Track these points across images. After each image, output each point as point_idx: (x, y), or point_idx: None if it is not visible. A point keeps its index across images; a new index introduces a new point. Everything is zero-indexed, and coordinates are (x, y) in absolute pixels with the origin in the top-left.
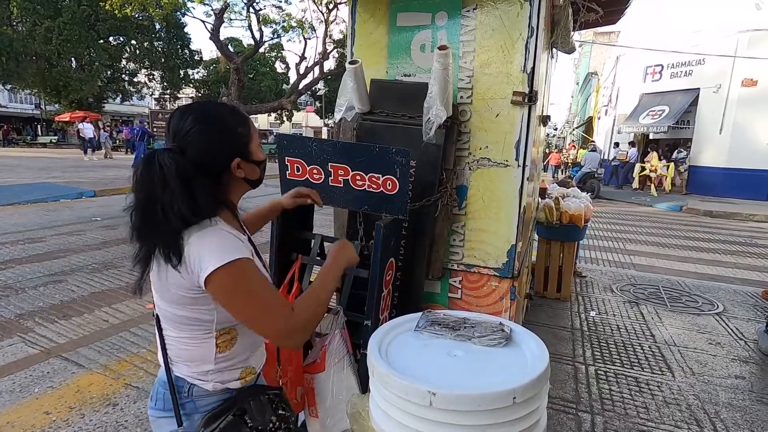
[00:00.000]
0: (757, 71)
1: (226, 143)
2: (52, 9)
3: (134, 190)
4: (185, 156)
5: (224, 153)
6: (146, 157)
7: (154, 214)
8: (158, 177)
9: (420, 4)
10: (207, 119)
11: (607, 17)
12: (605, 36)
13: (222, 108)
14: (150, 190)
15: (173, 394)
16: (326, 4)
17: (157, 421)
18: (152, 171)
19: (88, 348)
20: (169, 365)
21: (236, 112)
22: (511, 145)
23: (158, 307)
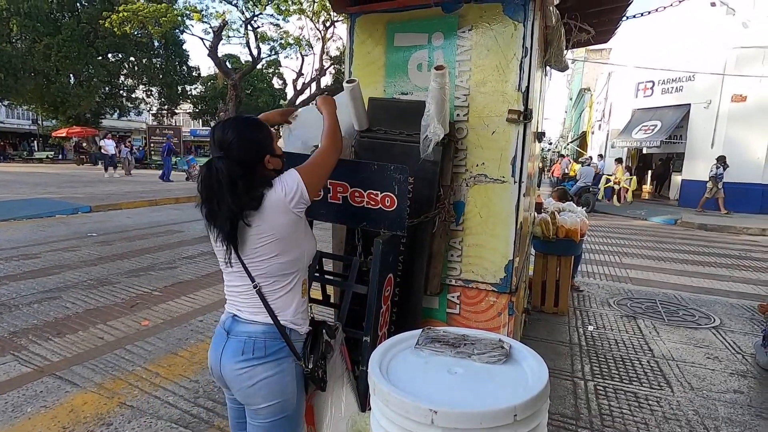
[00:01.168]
0: (746, 87)
1: (259, 146)
2: (52, 26)
3: (199, 189)
4: (230, 159)
5: (261, 153)
6: (206, 164)
7: (214, 205)
8: (215, 178)
9: (417, 25)
10: (242, 130)
11: (598, 36)
12: (597, 53)
13: (250, 120)
14: (210, 187)
15: (286, 337)
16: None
17: (251, 371)
18: (211, 174)
19: (82, 366)
20: (275, 314)
21: (258, 121)
22: (508, 161)
23: (264, 267)
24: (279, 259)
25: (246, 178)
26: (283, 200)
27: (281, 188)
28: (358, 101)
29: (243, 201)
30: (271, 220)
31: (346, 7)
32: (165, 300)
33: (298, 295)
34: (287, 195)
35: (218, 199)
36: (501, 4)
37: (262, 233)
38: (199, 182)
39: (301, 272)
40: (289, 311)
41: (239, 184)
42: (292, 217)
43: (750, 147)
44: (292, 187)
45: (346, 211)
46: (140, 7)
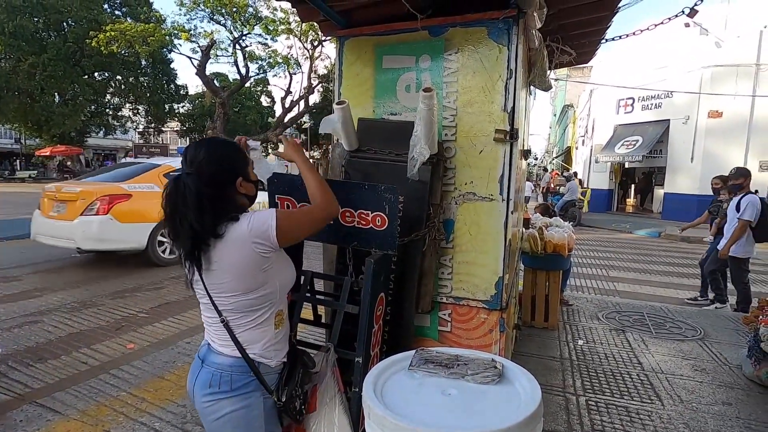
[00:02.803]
0: (722, 103)
1: (231, 166)
2: (37, 45)
3: (163, 205)
4: (200, 178)
5: (232, 174)
6: (174, 179)
7: (176, 222)
8: (181, 194)
9: (404, 48)
10: (215, 149)
11: (579, 57)
12: (579, 71)
13: (224, 141)
14: (174, 204)
15: (255, 370)
16: (311, 42)
17: (216, 405)
18: (177, 189)
19: (65, 393)
20: (243, 348)
21: (235, 145)
22: (495, 179)
23: (229, 303)
24: (242, 297)
25: (214, 199)
26: (246, 234)
27: (247, 223)
28: (348, 122)
29: (206, 222)
30: (230, 257)
31: (335, 30)
32: (151, 322)
33: (269, 328)
34: (252, 230)
35: (181, 216)
36: (486, 28)
37: (224, 270)
38: (164, 197)
39: (273, 305)
40: (258, 345)
41: (205, 203)
42: (254, 256)
43: (728, 161)
44: (260, 225)
45: (337, 230)
46: (128, 27)
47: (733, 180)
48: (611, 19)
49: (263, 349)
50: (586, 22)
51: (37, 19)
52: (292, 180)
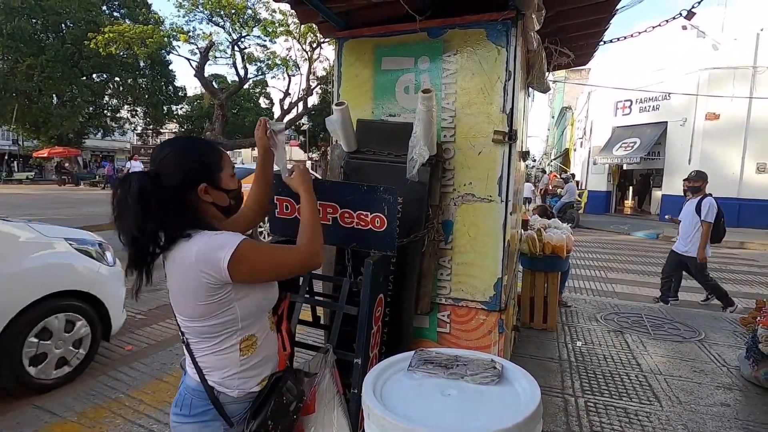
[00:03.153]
0: (719, 106)
1: (195, 169)
2: (35, 47)
3: (111, 204)
4: (158, 178)
5: (192, 177)
6: (122, 178)
7: (120, 223)
8: (125, 193)
9: (403, 49)
10: (181, 148)
11: (577, 59)
12: (577, 73)
13: (197, 141)
14: (121, 207)
15: (213, 399)
16: (310, 43)
17: (180, 427)
18: (124, 190)
19: (62, 394)
20: (202, 374)
21: (209, 145)
22: (494, 181)
23: (184, 325)
24: (194, 324)
25: (163, 202)
26: (192, 259)
27: (197, 246)
28: (347, 123)
29: (147, 228)
30: (175, 279)
31: (334, 31)
32: (149, 323)
33: (233, 356)
34: (198, 255)
35: (121, 218)
36: (484, 29)
37: (173, 290)
38: (111, 198)
39: (236, 332)
40: (219, 372)
41: (150, 205)
42: (200, 285)
43: (725, 163)
44: (211, 252)
45: (336, 232)
46: (126, 29)
47: (693, 182)
48: (609, 22)
49: (223, 378)
50: (584, 24)
51: (36, 20)
52: None
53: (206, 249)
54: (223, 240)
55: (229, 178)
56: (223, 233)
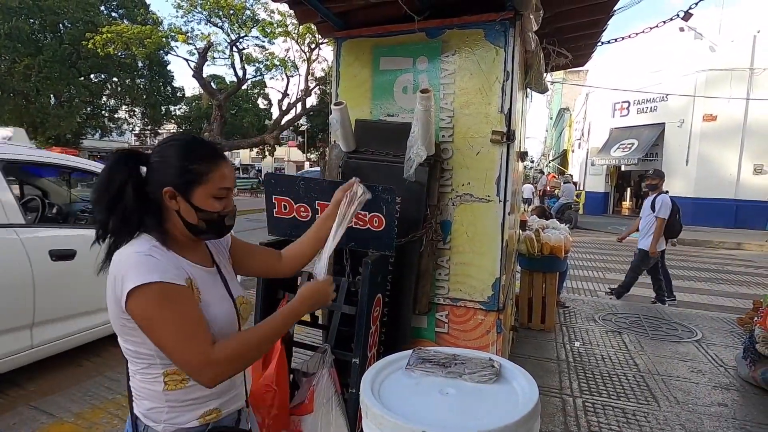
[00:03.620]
0: (716, 107)
1: (170, 167)
2: (33, 47)
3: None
4: (137, 163)
5: (162, 176)
6: (116, 158)
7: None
8: (99, 178)
9: (402, 50)
10: (172, 145)
11: (575, 60)
12: (575, 74)
13: (198, 143)
14: (95, 186)
15: (135, 430)
16: (309, 44)
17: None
18: (102, 172)
19: (59, 395)
20: (131, 401)
21: (207, 153)
22: (492, 181)
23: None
24: (120, 341)
25: (119, 190)
26: (111, 271)
27: (118, 256)
28: (346, 123)
29: (95, 211)
30: (107, 292)
31: (333, 32)
32: None
33: (157, 387)
34: (113, 273)
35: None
36: (483, 30)
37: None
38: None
39: (156, 366)
40: (146, 402)
41: (110, 188)
42: (115, 303)
43: (722, 164)
44: (119, 277)
45: None
46: (124, 29)
47: (651, 180)
48: (606, 23)
49: (149, 410)
50: (582, 25)
51: (33, 20)
52: (289, 180)
53: (123, 263)
54: (142, 266)
55: (209, 199)
56: (153, 256)
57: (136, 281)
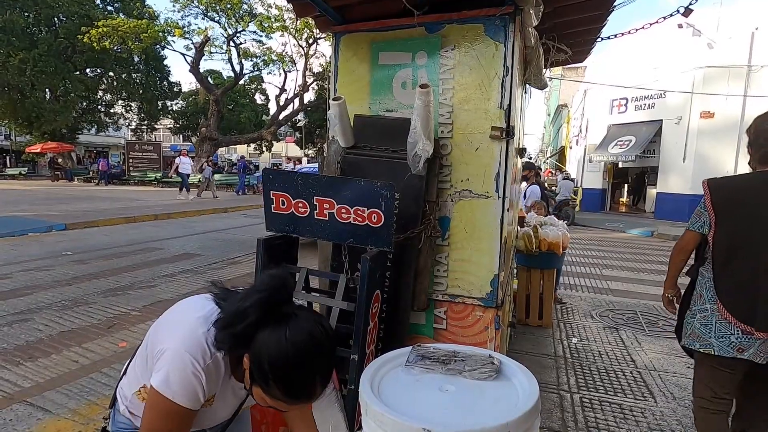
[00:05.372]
0: (714, 104)
1: (260, 354)
2: (28, 41)
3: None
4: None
5: (253, 348)
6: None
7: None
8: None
9: (401, 44)
10: (281, 347)
11: (575, 56)
12: (573, 71)
13: (294, 370)
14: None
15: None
16: (306, 39)
17: None
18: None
19: (55, 392)
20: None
21: (291, 387)
22: (491, 177)
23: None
24: (134, 363)
25: (246, 330)
26: (156, 345)
27: (168, 359)
28: (344, 118)
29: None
30: (168, 323)
31: (331, 26)
32: (144, 320)
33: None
34: (156, 354)
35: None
36: (482, 24)
37: (165, 319)
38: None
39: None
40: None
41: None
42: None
43: (719, 161)
44: (158, 350)
45: (333, 227)
46: (120, 23)
47: (525, 172)
48: (606, 18)
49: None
50: (582, 20)
51: (28, 13)
52: (287, 176)
53: (178, 350)
54: (179, 381)
55: (264, 397)
56: (197, 377)
57: (162, 386)
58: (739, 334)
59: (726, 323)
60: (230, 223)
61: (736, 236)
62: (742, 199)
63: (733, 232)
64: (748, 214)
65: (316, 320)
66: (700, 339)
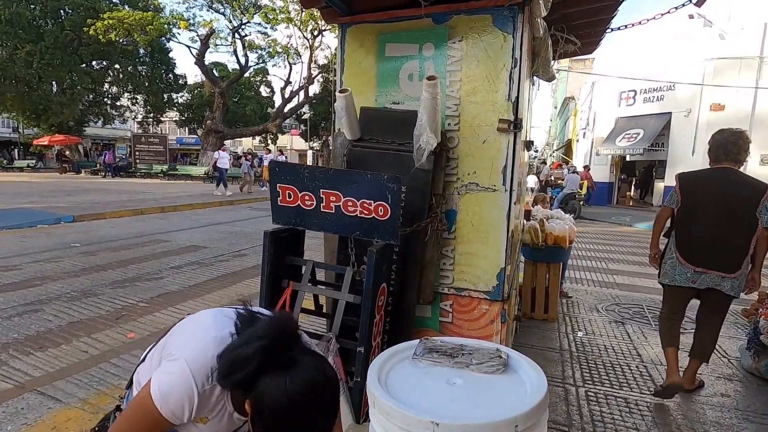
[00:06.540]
0: (724, 96)
1: (261, 403)
2: (34, 33)
3: None
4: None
5: (255, 393)
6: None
7: None
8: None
9: (407, 36)
10: (281, 393)
11: (583, 48)
12: (581, 63)
13: (308, 397)
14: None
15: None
16: (311, 31)
17: None
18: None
19: (65, 381)
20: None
21: (311, 418)
22: (498, 170)
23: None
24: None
25: (251, 375)
26: (167, 347)
27: (171, 370)
28: (350, 110)
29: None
30: (183, 332)
31: (337, 17)
32: (151, 311)
33: None
34: (165, 354)
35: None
36: (490, 15)
37: (180, 329)
38: None
39: None
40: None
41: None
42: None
43: None
44: (165, 360)
45: (339, 220)
46: (126, 15)
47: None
48: (617, 9)
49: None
50: (591, 11)
51: (34, 6)
52: (294, 168)
53: (180, 363)
54: (177, 395)
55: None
56: (197, 396)
57: (155, 393)
58: (691, 272)
59: (682, 266)
60: (236, 215)
61: (690, 209)
62: (697, 186)
63: (689, 206)
64: (700, 195)
65: (318, 367)
66: (668, 276)
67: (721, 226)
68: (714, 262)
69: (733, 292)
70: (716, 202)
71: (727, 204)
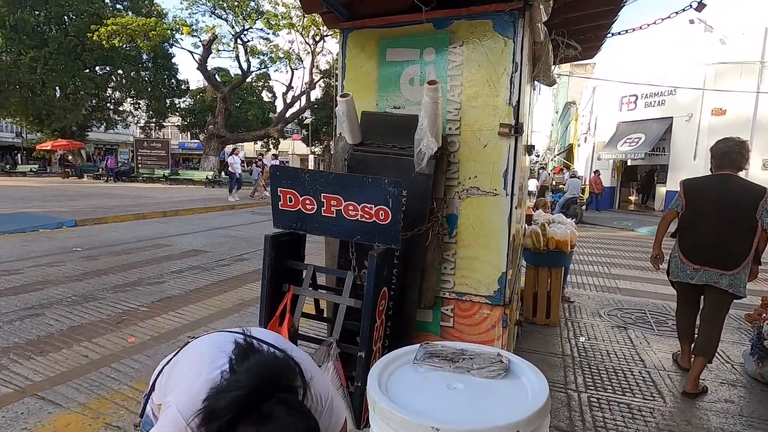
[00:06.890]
0: (726, 101)
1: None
2: (38, 39)
3: None
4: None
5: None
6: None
7: None
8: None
9: (408, 41)
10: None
11: (584, 52)
12: (582, 68)
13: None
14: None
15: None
16: (313, 36)
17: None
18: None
19: (65, 386)
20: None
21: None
22: (499, 174)
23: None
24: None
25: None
26: (165, 378)
27: (178, 393)
28: (352, 114)
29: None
30: (183, 367)
31: (339, 23)
32: (152, 316)
33: None
34: (162, 393)
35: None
36: (491, 20)
37: (178, 363)
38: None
39: None
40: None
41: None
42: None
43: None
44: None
45: (340, 224)
46: (129, 21)
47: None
48: (617, 14)
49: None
50: (592, 15)
51: (38, 12)
52: (295, 172)
53: (172, 405)
54: (169, 427)
55: None
56: (179, 426)
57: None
58: (691, 269)
59: (683, 264)
60: (237, 219)
61: (693, 214)
62: (699, 194)
63: (692, 211)
64: (702, 203)
65: (294, 424)
66: (673, 273)
67: (721, 233)
68: (713, 260)
69: (731, 289)
70: (718, 209)
71: (727, 212)
